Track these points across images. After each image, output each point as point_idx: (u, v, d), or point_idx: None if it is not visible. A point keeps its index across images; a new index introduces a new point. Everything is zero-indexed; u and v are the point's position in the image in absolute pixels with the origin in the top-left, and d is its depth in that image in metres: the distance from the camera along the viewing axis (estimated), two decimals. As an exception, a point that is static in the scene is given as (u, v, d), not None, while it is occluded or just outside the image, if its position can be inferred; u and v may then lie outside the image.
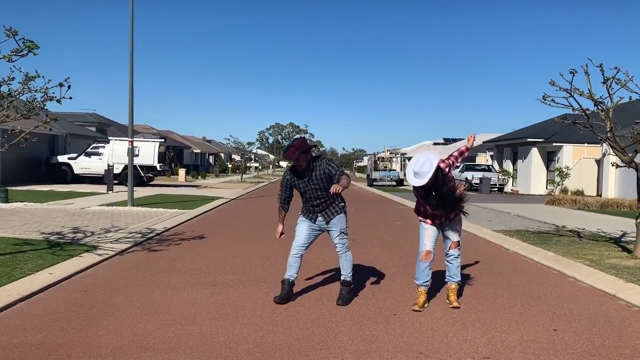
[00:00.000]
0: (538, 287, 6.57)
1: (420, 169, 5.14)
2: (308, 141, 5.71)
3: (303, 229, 5.71)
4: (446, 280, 5.80)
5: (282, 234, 5.83)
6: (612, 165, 9.77)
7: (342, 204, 5.76)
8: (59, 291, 5.91)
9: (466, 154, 5.88)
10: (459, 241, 5.75)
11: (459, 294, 5.84)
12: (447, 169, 5.44)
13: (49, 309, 5.21)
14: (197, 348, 4.20)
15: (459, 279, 5.77)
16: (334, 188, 5.24)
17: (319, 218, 5.66)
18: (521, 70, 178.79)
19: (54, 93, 6.99)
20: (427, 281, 5.58)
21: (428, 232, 5.60)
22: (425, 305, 5.48)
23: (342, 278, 5.80)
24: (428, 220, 5.62)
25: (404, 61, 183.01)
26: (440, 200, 5.31)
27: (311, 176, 5.52)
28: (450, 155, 5.78)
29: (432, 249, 5.59)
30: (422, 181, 5.12)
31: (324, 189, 5.52)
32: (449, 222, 5.66)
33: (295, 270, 5.70)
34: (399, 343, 4.41)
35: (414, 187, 5.40)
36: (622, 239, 10.17)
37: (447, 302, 5.63)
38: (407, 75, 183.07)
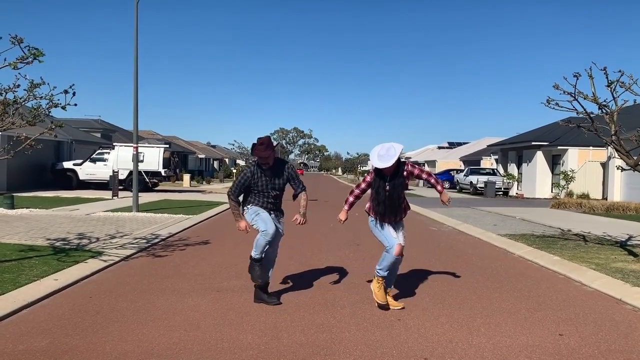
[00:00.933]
0: (543, 292, 6.54)
1: (385, 153, 5.38)
2: (275, 142, 5.84)
3: (267, 216, 5.72)
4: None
5: (246, 227, 5.84)
6: (617, 168, 9.73)
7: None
8: (64, 297, 5.92)
9: (432, 181, 5.79)
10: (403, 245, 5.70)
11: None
12: (412, 172, 5.59)
13: (54, 315, 5.22)
14: (202, 354, 4.20)
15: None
16: (298, 220, 5.76)
17: (272, 214, 5.80)
18: (526, 74, 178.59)
19: (59, 100, 7.05)
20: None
21: (389, 228, 5.63)
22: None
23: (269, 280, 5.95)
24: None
25: (408, 66, 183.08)
26: (389, 199, 5.50)
27: (274, 174, 5.70)
28: (423, 170, 5.83)
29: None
30: (386, 164, 5.33)
31: (280, 190, 5.78)
32: (395, 223, 5.72)
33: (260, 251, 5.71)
34: (403, 348, 4.40)
35: (374, 173, 5.60)
36: (628, 243, 10.12)
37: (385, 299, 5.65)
38: (411, 81, 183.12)
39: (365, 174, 6.02)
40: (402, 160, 5.63)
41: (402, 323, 5.12)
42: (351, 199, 5.83)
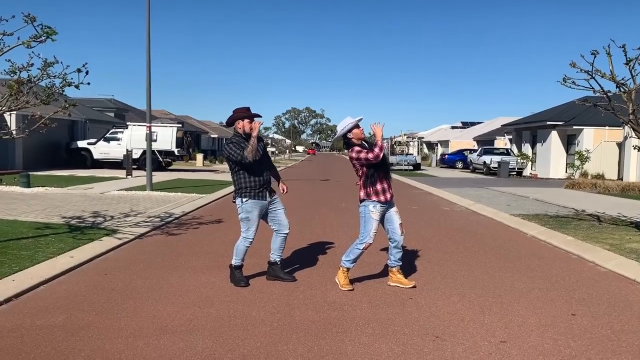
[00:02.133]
0: (556, 272, 6.52)
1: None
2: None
3: (256, 217, 5.62)
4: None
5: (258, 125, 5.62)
6: (634, 148, 9.59)
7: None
8: (79, 274, 6.01)
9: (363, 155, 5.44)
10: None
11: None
12: (351, 156, 5.54)
13: (70, 291, 5.31)
14: (215, 330, 4.26)
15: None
16: (283, 187, 5.87)
17: (267, 195, 5.67)
18: (542, 52, 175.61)
19: (72, 79, 7.05)
20: None
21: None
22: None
23: (273, 259, 5.84)
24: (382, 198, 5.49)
25: (423, 44, 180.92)
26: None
27: (259, 143, 5.56)
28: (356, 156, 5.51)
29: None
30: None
31: (265, 163, 5.69)
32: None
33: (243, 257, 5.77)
34: (415, 327, 4.42)
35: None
36: (644, 223, 10.02)
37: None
38: (425, 59, 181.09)
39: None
40: (349, 138, 5.53)
41: (414, 301, 5.14)
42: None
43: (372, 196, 5.43)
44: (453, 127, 67.38)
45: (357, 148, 5.45)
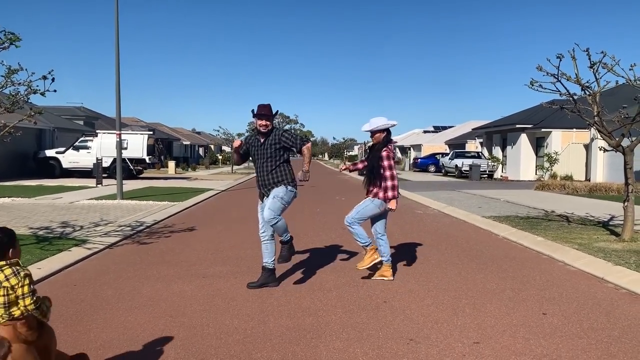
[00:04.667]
0: (527, 272, 6.61)
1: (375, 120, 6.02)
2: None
3: (260, 215, 5.83)
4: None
5: (241, 143, 5.93)
6: (600, 149, 9.82)
7: (286, 181, 5.70)
8: (47, 286, 5.86)
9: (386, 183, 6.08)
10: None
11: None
12: (381, 156, 6.04)
13: (37, 304, 5.16)
14: (188, 340, 4.19)
15: None
16: (302, 175, 5.67)
17: (264, 197, 5.81)
18: (510, 57, 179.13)
19: (37, 86, 6.91)
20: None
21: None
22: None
23: (280, 240, 5.86)
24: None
25: (393, 50, 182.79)
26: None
27: (265, 141, 5.70)
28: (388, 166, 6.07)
29: None
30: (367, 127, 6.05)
31: (272, 158, 5.68)
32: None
33: (269, 257, 5.82)
34: (389, 330, 4.42)
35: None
36: (610, 223, 10.26)
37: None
38: (396, 64, 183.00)
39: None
40: (388, 140, 6.09)
41: (388, 305, 5.15)
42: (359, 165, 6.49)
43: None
44: (425, 132, 68.09)
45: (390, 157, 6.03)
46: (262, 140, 5.71)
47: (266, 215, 5.56)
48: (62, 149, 27.09)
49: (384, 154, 5.95)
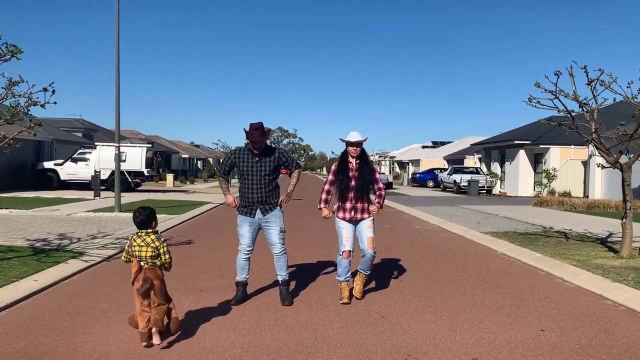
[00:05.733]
0: (526, 288, 6.59)
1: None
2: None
3: (246, 230, 5.73)
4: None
5: (234, 201, 5.87)
6: (598, 166, 9.85)
7: (277, 201, 5.79)
8: (43, 298, 5.83)
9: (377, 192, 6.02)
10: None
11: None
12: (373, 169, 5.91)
13: (33, 316, 5.13)
14: (184, 354, 4.16)
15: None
16: (285, 197, 5.76)
17: (257, 211, 5.69)
18: (509, 73, 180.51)
19: (38, 98, 6.95)
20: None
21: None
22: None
23: (280, 279, 5.84)
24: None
25: (393, 65, 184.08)
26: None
27: (262, 159, 5.65)
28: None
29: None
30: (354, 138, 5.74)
31: (268, 176, 5.66)
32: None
33: (247, 272, 5.81)
34: (387, 346, 4.40)
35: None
36: (609, 240, 10.26)
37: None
38: (396, 79, 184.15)
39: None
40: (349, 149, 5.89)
41: (386, 320, 5.12)
42: (325, 196, 6.00)
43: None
44: (424, 147, 68.31)
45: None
46: (256, 159, 5.66)
47: (278, 247, 5.73)
48: (60, 161, 27.08)
49: (375, 166, 5.99)
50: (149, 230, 4.51)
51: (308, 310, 5.46)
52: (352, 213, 5.79)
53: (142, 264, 4.42)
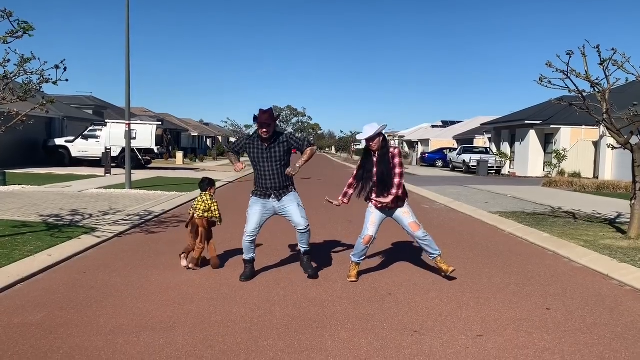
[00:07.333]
0: (532, 268, 6.64)
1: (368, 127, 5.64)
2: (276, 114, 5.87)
3: (256, 211, 5.78)
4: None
5: (242, 165, 6.09)
6: (608, 146, 9.80)
7: (292, 187, 5.87)
8: (58, 272, 5.96)
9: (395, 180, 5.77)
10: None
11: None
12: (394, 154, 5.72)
13: (48, 289, 5.26)
14: (195, 327, 4.27)
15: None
16: (289, 171, 5.69)
17: (272, 197, 5.76)
18: (520, 52, 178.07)
19: (49, 75, 6.99)
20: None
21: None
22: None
23: (302, 250, 5.98)
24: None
25: (403, 44, 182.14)
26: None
27: (271, 145, 5.69)
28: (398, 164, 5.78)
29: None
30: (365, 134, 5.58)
31: (279, 162, 5.70)
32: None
33: (253, 252, 5.90)
34: (394, 322, 4.48)
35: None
36: (617, 220, 10.25)
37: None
38: (406, 58, 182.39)
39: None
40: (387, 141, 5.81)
41: (393, 297, 5.20)
42: (347, 190, 5.93)
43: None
44: (433, 126, 67.89)
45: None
46: (266, 144, 5.69)
47: (302, 224, 5.80)
48: (71, 138, 27.28)
49: (395, 151, 5.74)
50: (206, 193, 6.33)
51: (316, 286, 5.55)
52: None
53: (195, 214, 6.16)
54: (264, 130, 5.61)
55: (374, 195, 5.74)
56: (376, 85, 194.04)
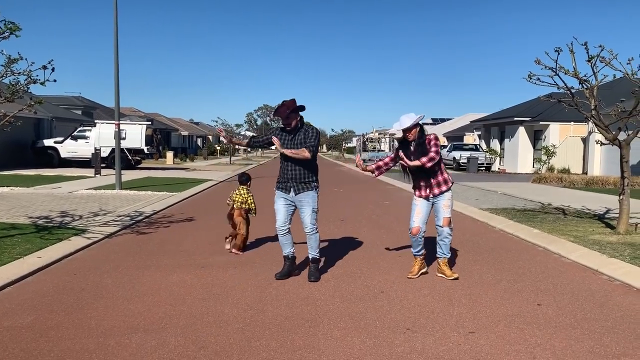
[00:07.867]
0: (523, 264, 6.68)
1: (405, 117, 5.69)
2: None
3: (280, 206, 5.82)
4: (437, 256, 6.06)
5: (242, 142, 6.36)
6: (597, 143, 9.89)
7: (315, 183, 5.84)
8: (48, 275, 5.92)
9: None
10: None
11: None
12: (429, 140, 5.80)
13: (38, 292, 5.22)
14: (187, 328, 4.25)
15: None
16: (283, 145, 5.66)
17: (292, 189, 5.76)
18: (509, 50, 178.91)
19: (37, 76, 6.92)
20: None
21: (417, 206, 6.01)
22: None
23: (310, 257, 5.94)
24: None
25: (393, 42, 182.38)
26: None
27: (294, 137, 5.72)
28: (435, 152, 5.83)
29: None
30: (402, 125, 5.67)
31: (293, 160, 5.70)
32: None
33: (290, 247, 5.91)
34: (386, 320, 4.49)
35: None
36: (606, 216, 10.34)
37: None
38: (396, 56, 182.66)
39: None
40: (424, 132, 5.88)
41: (385, 295, 5.21)
42: (381, 163, 6.12)
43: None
44: (424, 124, 68.05)
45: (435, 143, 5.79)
46: (290, 136, 5.72)
47: (308, 227, 5.80)
48: (60, 139, 27.07)
49: (432, 136, 5.76)
50: (244, 186, 7.24)
51: (309, 285, 5.55)
52: (427, 190, 5.90)
53: (234, 205, 7.14)
54: (287, 124, 5.68)
55: (421, 184, 5.90)
56: (366, 84, 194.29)
